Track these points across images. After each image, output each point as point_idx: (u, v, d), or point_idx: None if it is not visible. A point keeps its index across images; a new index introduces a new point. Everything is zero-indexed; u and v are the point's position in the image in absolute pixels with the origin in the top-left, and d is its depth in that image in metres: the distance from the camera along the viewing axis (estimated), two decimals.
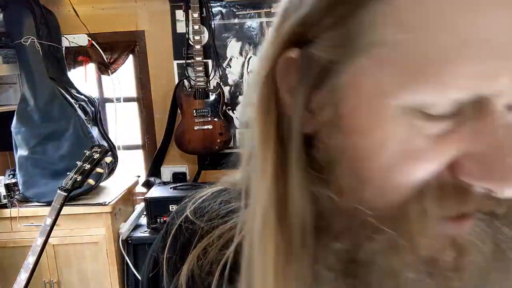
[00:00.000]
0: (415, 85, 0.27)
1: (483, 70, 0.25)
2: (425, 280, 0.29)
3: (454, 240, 0.29)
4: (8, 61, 2.46)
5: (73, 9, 2.66)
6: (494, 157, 0.27)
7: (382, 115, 0.28)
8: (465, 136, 0.28)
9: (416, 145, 0.28)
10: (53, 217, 1.72)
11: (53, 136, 2.40)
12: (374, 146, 0.29)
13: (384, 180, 0.29)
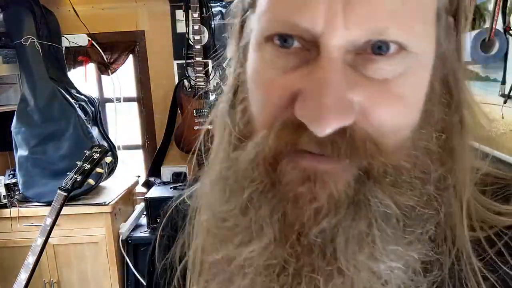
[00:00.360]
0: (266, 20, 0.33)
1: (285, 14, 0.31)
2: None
3: (307, 172, 0.31)
4: (8, 61, 2.46)
5: (73, 9, 2.66)
6: (314, 95, 0.29)
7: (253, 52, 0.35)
8: (306, 72, 0.31)
9: (266, 76, 0.33)
10: (53, 217, 1.72)
11: (53, 136, 2.40)
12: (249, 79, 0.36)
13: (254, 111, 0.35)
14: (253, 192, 0.33)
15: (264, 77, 0.34)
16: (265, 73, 0.34)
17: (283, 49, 0.32)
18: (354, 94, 0.30)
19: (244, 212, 0.34)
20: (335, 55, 0.30)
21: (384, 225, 0.31)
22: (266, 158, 0.33)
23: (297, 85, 0.31)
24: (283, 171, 0.32)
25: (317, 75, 0.30)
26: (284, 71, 0.32)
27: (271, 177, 0.33)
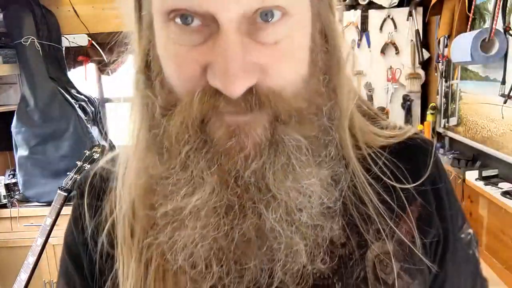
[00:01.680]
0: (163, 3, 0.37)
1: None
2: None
3: (231, 127, 0.38)
4: (8, 61, 2.46)
5: (73, 9, 2.66)
6: (221, 65, 0.35)
7: (160, 29, 0.39)
8: (209, 48, 0.36)
9: (176, 52, 0.38)
10: (53, 217, 1.72)
11: (53, 136, 2.40)
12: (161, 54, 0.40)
13: (173, 82, 0.40)
14: (189, 151, 0.39)
15: (174, 53, 0.39)
16: (174, 50, 0.39)
17: (185, 26, 0.37)
18: (253, 58, 0.36)
19: (184, 169, 0.40)
20: (231, 27, 0.35)
21: (298, 154, 0.39)
22: (195, 121, 0.38)
23: (205, 58, 0.37)
24: (212, 130, 0.39)
25: (219, 48, 0.36)
26: (191, 46, 0.38)
27: (202, 136, 0.39)
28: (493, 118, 1.60)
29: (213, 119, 0.39)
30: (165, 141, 0.41)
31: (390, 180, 0.46)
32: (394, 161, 0.47)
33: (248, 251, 0.40)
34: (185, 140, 0.39)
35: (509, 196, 1.47)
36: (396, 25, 2.29)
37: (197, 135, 0.39)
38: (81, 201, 0.50)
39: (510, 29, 1.48)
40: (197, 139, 0.39)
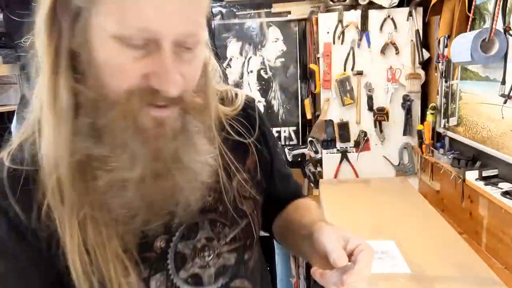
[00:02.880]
0: (113, 29, 0.49)
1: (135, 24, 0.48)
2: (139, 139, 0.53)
3: (157, 119, 0.53)
4: (8, 61, 2.46)
5: None
6: (164, 74, 0.51)
7: (104, 43, 0.50)
8: (151, 60, 0.51)
9: (120, 63, 0.50)
10: None
11: None
12: (102, 62, 0.51)
13: (111, 83, 0.52)
14: (126, 136, 0.53)
15: (116, 62, 0.51)
16: (116, 59, 0.51)
17: (127, 43, 0.50)
18: (181, 70, 0.53)
19: (123, 150, 0.53)
20: (169, 49, 0.51)
21: (199, 136, 0.59)
22: (132, 113, 0.52)
23: (147, 68, 0.51)
24: (143, 121, 0.53)
25: (161, 62, 0.51)
26: (133, 59, 0.51)
27: (136, 125, 0.53)
28: (493, 118, 1.60)
29: (142, 113, 0.53)
30: (102, 128, 0.53)
31: (238, 134, 0.71)
32: (240, 121, 0.73)
33: (165, 202, 0.58)
34: (125, 127, 0.53)
35: (509, 196, 1.47)
36: (396, 25, 2.29)
37: (134, 124, 0.53)
38: (7, 202, 0.56)
39: (510, 29, 1.48)
40: (132, 127, 0.53)
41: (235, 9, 2.66)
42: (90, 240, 0.55)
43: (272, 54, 2.67)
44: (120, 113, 0.52)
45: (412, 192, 2.16)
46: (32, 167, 0.56)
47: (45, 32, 0.53)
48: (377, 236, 1.55)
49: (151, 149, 0.53)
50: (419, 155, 2.40)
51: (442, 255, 1.40)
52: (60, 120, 0.54)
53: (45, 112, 0.54)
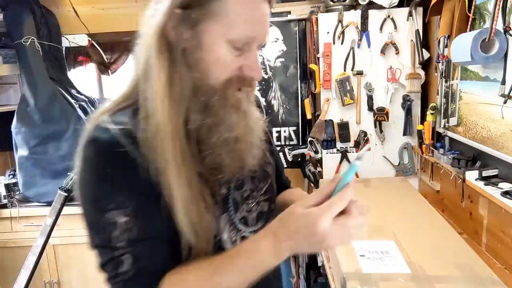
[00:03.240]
0: (229, 36, 0.68)
1: (246, 34, 0.69)
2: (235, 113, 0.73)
3: (241, 97, 0.75)
4: (8, 61, 2.46)
5: (73, 9, 2.66)
6: (254, 66, 0.72)
7: (217, 45, 0.69)
8: (244, 57, 0.71)
9: (230, 59, 0.70)
10: (53, 217, 1.73)
11: (53, 136, 2.40)
12: (212, 59, 0.70)
13: (217, 74, 0.71)
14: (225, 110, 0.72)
15: (224, 60, 0.71)
16: (225, 58, 0.71)
17: (233, 46, 0.70)
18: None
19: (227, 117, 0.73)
20: (256, 49, 0.74)
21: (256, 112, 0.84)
22: (231, 93, 0.73)
23: (241, 63, 0.72)
24: (234, 99, 0.73)
25: (253, 58, 0.73)
26: (234, 56, 0.71)
27: (231, 102, 0.73)
28: (493, 118, 1.60)
29: (234, 94, 0.74)
30: (211, 103, 0.71)
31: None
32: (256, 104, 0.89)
33: (241, 158, 0.77)
34: (224, 104, 0.72)
35: (509, 196, 1.47)
36: (396, 25, 2.29)
37: (230, 102, 0.73)
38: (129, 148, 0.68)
39: (510, 29, 1.48)
40: (229, 104, 0.73)
41: None
42: (188, 188, 0.70)
43: (272, 54, 2.67)
44: (221, 97, 0.72)
45: (412, 192, 2.16)
46: (133, 127, 0.70)
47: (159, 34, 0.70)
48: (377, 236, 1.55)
49: (239, 118, 0.73)
50: (419, 155, 2.40)
51: (442, 255, 1.40)
52: (174, 100, 0.70)
53: (160, 93, 0.69)
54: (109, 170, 0.67)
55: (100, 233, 0.69)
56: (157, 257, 0.70)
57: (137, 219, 0.68)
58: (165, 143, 0.68)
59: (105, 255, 0.69)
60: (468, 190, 1.79)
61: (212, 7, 0.67)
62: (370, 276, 1.28)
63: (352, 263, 1.37)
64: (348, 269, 1.33)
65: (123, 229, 0.68)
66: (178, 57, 0.70)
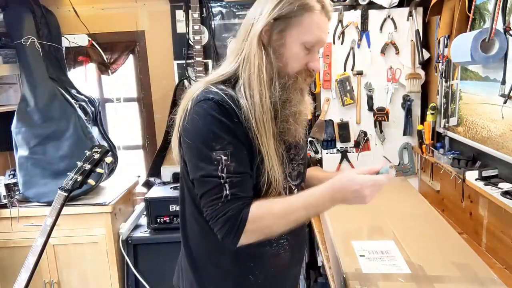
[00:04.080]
0: (303, 39, 1.02)
1: (314, 39, 1.03)
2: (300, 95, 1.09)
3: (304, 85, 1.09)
4: (8, 61, 2.46)
5: (73, 9, 2.66)
6: (316, 61, 1.06)
7: (294, 45, 1.02)
8: (309, 55, 1.04)
9: (302, 56, 1.03)
10: (53, 217, 1.72)
11: (53, 136, 2.40)
12: (290, 55, 1.02)
13: (293, 65, 1.03)
14: (296, 92, 1.05)
15: (298, 56, 1.02)
16: (298, 55, 1.02)
17: (305, 47, 1.02)
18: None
19: (294, 97, 1.05)
20: (318, 49, 1.07)
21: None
22: (299, 81, 1.05)
23: (307, 59, 1.04)
24: (302, 85, 1.07)
25: (315, 56, 1.06)
26: (304, 54, 1.03)
27: (300, 87, 1.06)
28: (493, 118, 1.60)
29: (303, 82, 1.05)
30: (288, 85, 1.03)
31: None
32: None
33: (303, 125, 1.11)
34: (296, 88, 1.04)
35: (509, 196, 1.47)
36: (396, 25, 2.29)
37: (299, 86, 1.05)
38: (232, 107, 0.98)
39: (510, 29, 1.48)
40: (299, 88, 1.05)
41: (235, 9, 2.66)
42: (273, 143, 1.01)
43: None
44: (294, 81, 1.03)
45: (412, 192, 2.16)
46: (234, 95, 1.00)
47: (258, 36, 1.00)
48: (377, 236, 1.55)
49: (301, 98, 1.07)
50: (419, 155, 2.40)
51: (442, 255, 1.40)
52: (262, 82, 0.99)
53: (257, 74, 0.99)
54: (220, 119, 0.95)
55: (209, 165, 0.96)
56: (245, 187, 0.99)
57: (233, 158, 0.96)
58: (260, 109, 0.98)
59: (210, 183, 0.96)
60: (468, 190, 1.79)
61: (294, 20, 1.00)
62: (370, 276, 1.28)
63: (352, 263, 1.37)
64: (348, 269, 1.33)
65: (224, 165, 0.95)
66: (269, 52, 1.01)
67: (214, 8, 2.66)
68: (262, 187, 1.02)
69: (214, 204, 0.96)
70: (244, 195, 0.97)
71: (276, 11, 0.99)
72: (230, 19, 2.67)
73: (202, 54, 2.58)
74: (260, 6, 1.03)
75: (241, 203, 0.96)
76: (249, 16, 1.05)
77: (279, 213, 0.98)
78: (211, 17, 2.66)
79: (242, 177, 0.97)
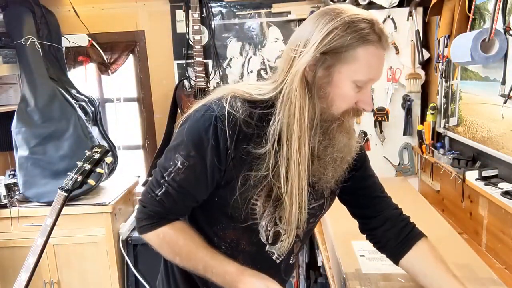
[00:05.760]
0: (355, 77, 0.87)
1: (368, 77, 0.89)
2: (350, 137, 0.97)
3: (352, 126, 0.99)
4: (8, 61, 2.46)
5: (73, 9, 2.66)
6: (367, 102, 0.91)
7: (345, 83, 0.88)
8: (360, 93, 0.90)
9: (352, 95, 0.89)
10: (53, 217, 1.72)
11: (53, 136, 2.40)
12: (339, 93, 0.89)
13: (339, 105, 0.90)
14: (342, 133, 0.94)
15: (348, 95, 0.89)
16: (349, 94, 0.89)
17: (356, 85, 0.88)
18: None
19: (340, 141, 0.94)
20: (370, 87, 0.93)
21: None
22: (345, 119, 0.93)
23: (358, 98, 0.90)
24: (349, 124, 0.96)
25: (367, 94, 0.91)
26: (355, 93, 0.89)
27: (345, 125, 0.94)
28: (493, 118, 1.60)
29: (349, 121, 0.95)
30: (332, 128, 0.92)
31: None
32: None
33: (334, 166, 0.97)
34: (342, 129, 0.94)
35: (509, 196, 1.47)
36: (396, 25, 2.29)
37: (347, 126, 0.95)
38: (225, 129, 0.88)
39: (510, 29, 1.48)
40: (346, 129, 0.96)
41: (235, 9, 2.66)
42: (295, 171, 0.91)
43: (272, 54, 2.66)
44: (337, 122, 0.92)
45: (412, 192, 2.16)
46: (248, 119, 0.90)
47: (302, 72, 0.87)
48: None
49: (347, 141, 0.95)
50: (419, 155, 2.40)
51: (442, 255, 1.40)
52: (303, 128, 0.88)
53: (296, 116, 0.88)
54: (202, 134, 0.89)
55: (167, 159, 0.93)
56: (178, 206, 0.95)
57: (186, 171, 0.91)
58: (297, 157, 0.89)
59: (155, 177, 0.94)
60: (468, 190, 1.79)
61: (345, 55, 0.85)
62: (370, 276, 1.28)
63: (352, 263, 1.37)
64: (348, 269, 1.33)
65: (174, 170, 0.91)
66: (313, 91, 0.88)
67: (214, 8, 2.66)
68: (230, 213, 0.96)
69: (144, 196, 0.97)
70: (172, 210, 0.95)
71: (324, 44, 0.84)
72: (230, 19, 2.67)
73: (202, 54, 2.58)
74: (307, 30, 0.88)
75: (161, 213, 0.95)
76: (290, 44, 0.93)
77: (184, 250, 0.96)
78: (211, 17, 2.66)
79: (182, 194, 0.93)
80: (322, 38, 0.85)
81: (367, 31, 0.85)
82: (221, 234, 1.01)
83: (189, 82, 2.68)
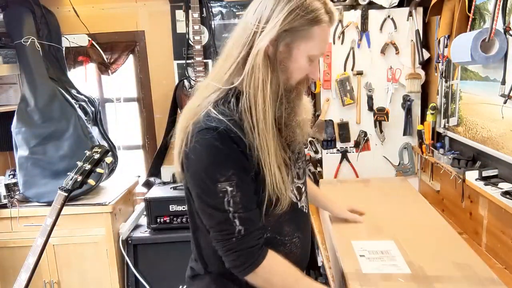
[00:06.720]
0: (311, 52, 0.99)
1: (320, 51, 1.02)
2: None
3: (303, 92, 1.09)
4: (8, 61, 2.46)
5: (73, 9, 2.66)
6: (316, 71, 1.05)
7: (301, 58, 0.99)
8: (311, 66, 1.02)
9: (306, 67, 1.01)
10: (53, 217, 1.72)
11: (53, 136, 2.40)
12: (295, 67, 1.00)
13: (296, 77, 1.01)
14: (297, 101, 1.05)
15: (302, 68, 1.00)
16: (303, 66, 1.00)
17: (309, 59, 1.00)
18: None
19: (298, 107, 1.05)
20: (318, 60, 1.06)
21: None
22: (300, 90, 1.04)
23: (309, 70, 1.02)
24: (302, 93, 1.06)
25: (316, 66, 1.06)
26: (307, 65, 1.01)
27: (300, 94, 1.06)
28: (493, 118, 1.60)
29: (302, 90, 1.05)
30: (292, 97, 1.01)
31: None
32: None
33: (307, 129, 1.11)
34: (297, 97, 1.04)
35: (509, 196, 1.47)
36: (396, 25, 2.29)
37: (300, 94, 1.05)
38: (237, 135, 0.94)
39: (510, 29, 1.48)
40: (299, 96, 1.05)
41: (235, 9, 2.66)
42: (277, 157, 0.98)
43: None
44: (296, 91, 1.02)
45: (412, 192, 2.15)
46: (238, 117, 0.96)
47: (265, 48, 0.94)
48: (377, 236, 1.54)
49: (302, 104, 1.08)
50: (419, 155, 2.40)
51: (442, 255, 1.40)
52: (266, 99, 0.95)
53: (261, 89, 0.94)
54: (224, 150, 0.93)
55: (214, 198, 0.95)
56: (255, 219, 0.99)
57: (239, 189, 0.94)
58: (264, 126, 0.95)
59: (218, 217, 0.96)
60: (468, 190, 1.79)
61: (303, 33, 0.96)
62: (370, 276, 1.28)
63: (352, 263, 1.37)
64: (348, 269, 1.33)
65: (230, 197, 0.94)
66: (275, 65, 0.96)
67: (214, 8, 2.66)
68: (269, 202, 1.01)
69: (227, 239, 0.97)
70: (255, 228, 0.99)
71: (286, 23, 0.93)
72: (230, 19, 2.67)
73: (202, 54, 2.58)
74: (261, 10, 0.96)
75: (256, 238, 0.99)
76: (248, 20, 0.98)
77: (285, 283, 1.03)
78: (211, 17, 2.66)
79: (250, 208, 0.97)
80: (284, 17, 0.93)
81: (321, 11, 0.96)
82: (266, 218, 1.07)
83: (189, 82, 2.68)
